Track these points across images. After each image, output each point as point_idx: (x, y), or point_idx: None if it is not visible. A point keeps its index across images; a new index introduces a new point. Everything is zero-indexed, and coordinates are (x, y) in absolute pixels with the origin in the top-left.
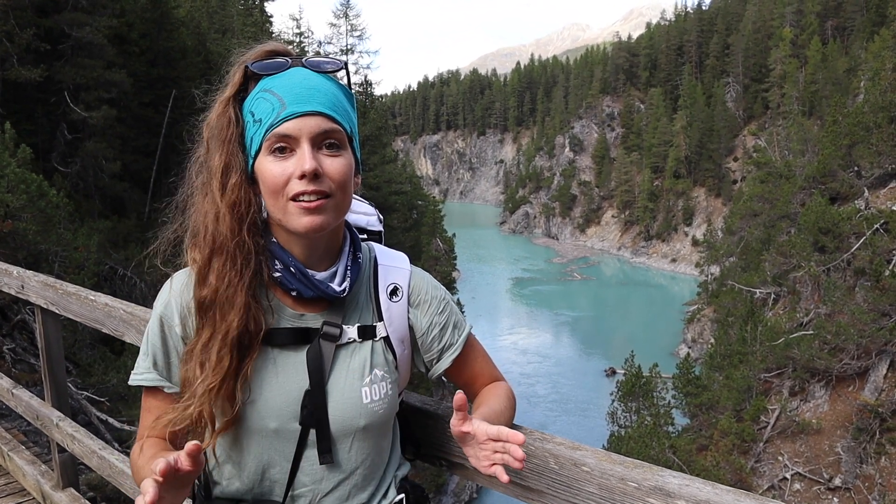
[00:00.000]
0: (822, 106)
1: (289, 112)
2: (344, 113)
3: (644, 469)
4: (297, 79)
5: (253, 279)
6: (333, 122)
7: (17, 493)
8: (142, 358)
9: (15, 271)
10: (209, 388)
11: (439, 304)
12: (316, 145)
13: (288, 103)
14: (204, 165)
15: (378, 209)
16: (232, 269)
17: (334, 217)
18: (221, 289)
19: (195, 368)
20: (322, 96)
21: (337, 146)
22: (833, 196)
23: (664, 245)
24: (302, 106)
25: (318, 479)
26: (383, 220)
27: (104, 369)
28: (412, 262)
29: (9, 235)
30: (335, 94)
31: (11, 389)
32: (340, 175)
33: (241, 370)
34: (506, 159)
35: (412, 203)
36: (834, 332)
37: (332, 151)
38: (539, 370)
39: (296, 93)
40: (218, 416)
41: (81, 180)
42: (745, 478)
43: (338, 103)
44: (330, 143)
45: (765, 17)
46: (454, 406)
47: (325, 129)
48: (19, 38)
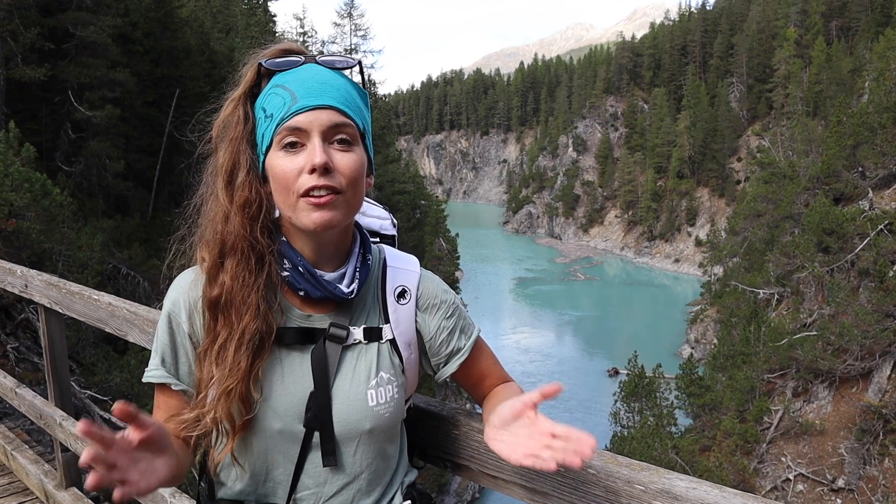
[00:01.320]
0: (827, 106)
1: (300, 105)
2: (356, 109)
3: (651, 471)
4: (310, 74)
5: (266, 279)
6: (345, 116)
7: (20, 493)
8: (153, 356)
9: (19, 270)
10: (227, 390)
11: (448, 309)
12: (327, 140)
13: (299, 97)
14: (213, 164)
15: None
16: (246, 269)
17: (344, 214)
18: (236, 289)
19: (210, 369)
20: (334, 91)
21: (349, 142)
22: (837, 197)
23: (667, 245)
24: (313, 100)
25: (322, 482)
26: (397, 225)
27: (107, 368)
28: None
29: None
30: (348, 91)
31: (15, 388)
32: (351, 171)
33: (253, 370)
34: (509, 159)
35: (415, 203)
36: (837, 333)
37: (343, 147)
38: (541, 370)
39: (308, 87)
40: (236, 418)
41: (85, 179)
42: (747, 479)
43: (350, 99)
44: (341, 137)
45: (769, 17)
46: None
47: (337, 122)
48: (24, 38)
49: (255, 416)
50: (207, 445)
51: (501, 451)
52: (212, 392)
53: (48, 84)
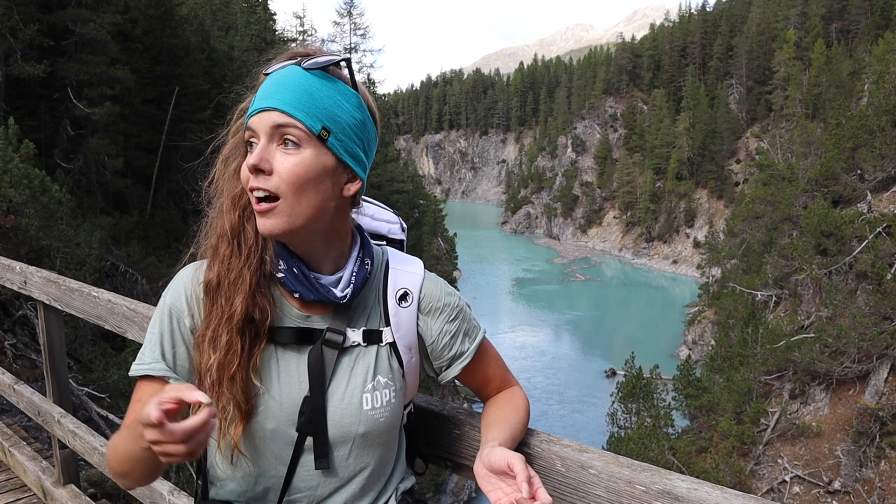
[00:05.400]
0: (826, 109)
1: (253, 107)
2: (314, 109)
3: (652, 472)
4: (277, 76)
5: (259, 267)
6: (290, 117)
7: (17, 489)
8: (148, 348)
9: (18, 267)
10: (230, 374)
11: (452, 312)
12: (274, 141)
13: (256, 99)
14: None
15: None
16: (236, 254)
17: (286, 222)
18: (223, 273)
19: (208, 352)
20: (286, 92)
21: (295, 143)
22: (835, 199)
23: (665, 246)
24: (262, 101)
25: (314, 484)
26: (406, 229)
27: (105, 365)
28: None
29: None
30: (307, 91)
31: (13, 385)
32: (289, 173)
33: (253, 356)
34: (508, 159)
35: (414, 202)
36: (835, 336)
37: (288, 149)
38: (538, 369)
39: (265, 89)
40: (241, 404)
41: (84, 176)
42: (744, 480)
43: (306, 99)
44: (286, 139)
45: (769, 19)
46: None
47: (279, 122)
48: (23, 34)
49: (249, 413)
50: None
51: (489, 493)
52: (209, 378)
53: (47, 81)
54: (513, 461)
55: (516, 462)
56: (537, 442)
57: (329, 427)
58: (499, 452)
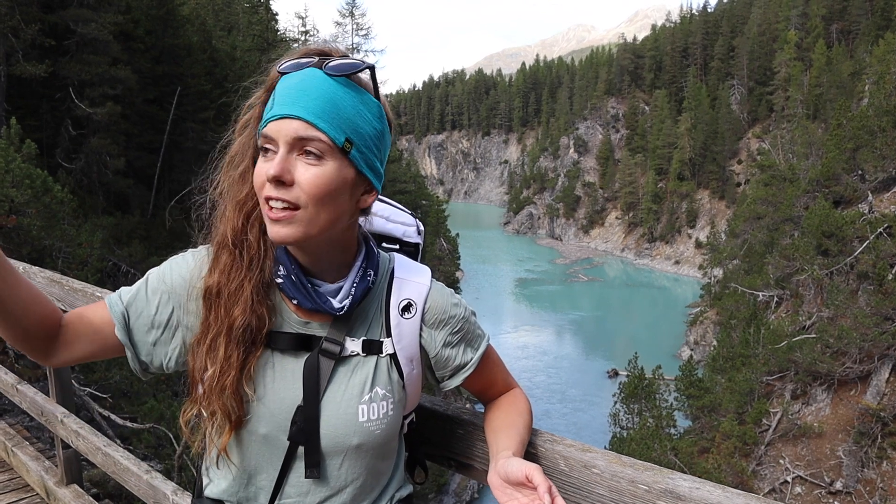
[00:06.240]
0: (827, 109)
1: (272, 114)
2: (339, 120)
3: (654, 472)
4: (297, 79)
5: (259, 276)
6: (314, 128)
7: (20, 489)
8: (128, 294)
9: (21, 267)
10: (220, 386)
11: (457, 324)
12: (295, 150)
13: (275, 104)
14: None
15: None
16: (237, 264)
17: (303, 232)
18: (224, 283)
19: (204, 361)
20: (310, 100)
21: (318, 155)
22: (837, 199)
23: (667, 247)
24: (284, 108)
25: (305, 491)
26: (423, 232)
27: (107, 366)
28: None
29: (13, 231)
30: (331, 100)
31: (16, 385)
32: (311, 186)
33: (247, 366)
34: (510, 160)
35: (416, 202)
36: (836, 336)
37: (310, 160)
38: (540, 369)
39: (285, 94)
40: (231, 413)
41: (86, 176)
42: (746, 481)
43: (331, 109)
44: (308, 150)
45: (770, 19)
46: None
47: (303, 135)
48: (25, 34)
49: (240, 421)
50: (203, 444)
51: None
52: (201, 386)
53: (49, 81)
54: (532, 473)
55: (535, 474)
56: (541, 442)
57: (322, 437)
58: (515, 464)
